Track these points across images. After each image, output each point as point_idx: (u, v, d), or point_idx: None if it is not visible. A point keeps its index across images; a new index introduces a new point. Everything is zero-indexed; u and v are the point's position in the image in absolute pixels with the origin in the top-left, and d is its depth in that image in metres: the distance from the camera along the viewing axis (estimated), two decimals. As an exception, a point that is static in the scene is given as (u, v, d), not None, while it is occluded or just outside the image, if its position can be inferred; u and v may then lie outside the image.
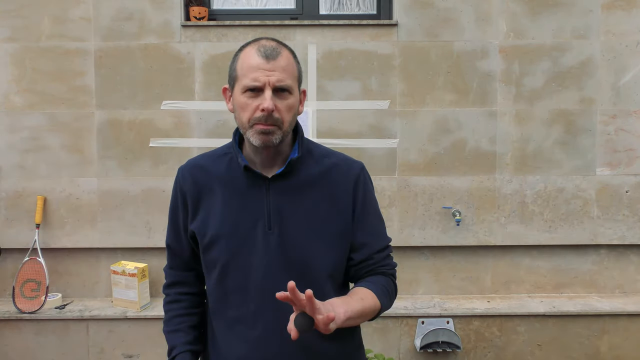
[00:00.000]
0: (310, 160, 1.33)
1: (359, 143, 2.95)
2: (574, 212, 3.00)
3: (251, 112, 1.22)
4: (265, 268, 1.27)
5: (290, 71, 1.25)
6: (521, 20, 2.93)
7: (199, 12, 2.98)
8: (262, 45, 1.24)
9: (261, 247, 1.28)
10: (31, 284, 2.90)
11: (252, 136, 1.24)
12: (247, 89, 1.22)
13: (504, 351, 2.88)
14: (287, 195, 1.29)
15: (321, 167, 1.33)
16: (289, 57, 1.26)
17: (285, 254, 1.27)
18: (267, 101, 1.20)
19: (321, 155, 1.36)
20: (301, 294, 1.04)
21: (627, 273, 3.07)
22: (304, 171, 1.31)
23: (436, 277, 3.07)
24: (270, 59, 1.22)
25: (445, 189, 2.99)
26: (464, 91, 2.96)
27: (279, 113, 1.22)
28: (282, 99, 1.23)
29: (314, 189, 1.31)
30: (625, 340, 2.87)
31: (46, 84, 2.94)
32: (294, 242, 1.27)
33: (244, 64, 1.24)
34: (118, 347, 2.87)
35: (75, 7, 2.92)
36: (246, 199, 1.29)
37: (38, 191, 2.97)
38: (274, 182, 1.29)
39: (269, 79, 1.21)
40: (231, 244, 1.29)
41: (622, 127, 2.97)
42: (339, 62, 2.94)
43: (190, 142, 2.96)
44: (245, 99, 1.23)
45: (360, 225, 1.33)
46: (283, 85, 1.22)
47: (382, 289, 1.31)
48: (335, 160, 1.36)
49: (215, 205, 1.31)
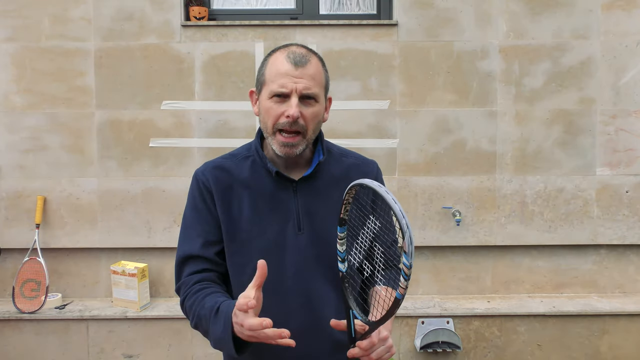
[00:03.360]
0: (331, 161, 1.37)
1: (359, 143, 2.95)
2: (574, 212, 3.00)
3: (276, 118, 1.24)
4: (297, 269, 1.28)
5: (318, 79, 1.26)
6: (521, 20, 2.93)
7: (199, 12, 2.98)
8: (292, 51, 1.25)
9: (292, 248, 1.28)
10: (31, 284, 2.90)
11: (275, 145, 1.26)
12: (274, 94, 1.24)
13: (504, 351, 2.88)
14: (314, 197, 1.31)
15: (341, 166, 1.37)
16: (317, 65, 1.28)
17: (317, 254, 1.29)
18: (293, 108, 1.22)
19: (340, 154, 1.40)
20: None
21: (627, 273, 3.07)
22: (327, 172, 1.34)
23: (436, 277, 3.07)
24: (298, 66, 1.23)
25: (445, 189, 2.99)
26: (464, 91, 2.96)
27: (304, 120, 1.24)
28: (308, 106, 1.25)
29: (338, 189, 1.31)
30: (625, 340, 2.87)
31: (46, 84, 2.94)
32: (324, 242, 1.28)
33: (272, 69, 1.26)
34: (118, 347, 2.87)
35: (75, 7, 2.92)
36: (275, 202, 1.30)
37: (38, 191, 2.98)
38: (301, 184, 1.31)
39: (296, 85, 1.22)
40: (262, 246, 1.28)
41: (622, 127, 2.97)
42: (339, 62, 2.94)
43: (190, 142, 2.96)
44: (272, 104, 1.25)
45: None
46: (310, 93, 1.24)
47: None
48: (353, 159, 1.41)
49: (242, 208, 1.31)
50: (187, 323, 2.88)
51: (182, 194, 2.94)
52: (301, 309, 1.28)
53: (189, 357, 2.88)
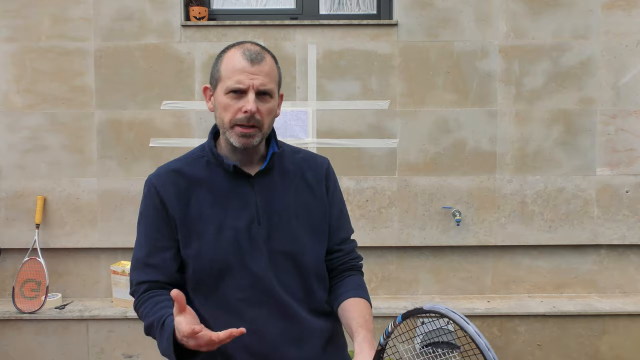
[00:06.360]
0: (285, 156, 1.41)
1: (359, 143, 2.95)
2: (574, 212, 3.00)
3: (233, 113, 1.27)
4: (258, 261, 1.30)
5: (273, 76, 1.30)
6: (521, 20, 2.93)
7: (199, 12, 2.98)
8: (247, 49, 1.29)
9: (253, 242, 1.31)
10: (31, 284, 2.90)
11: (232, 137, 1.29)
12: (230, 90, 1.26)
13: (504, 351, 2.88)
14: (270, 190, 1.35)
15: (294, 161, 1.42)
16: (271, 62, 1.32)
17: (276, 246, 1.32)
18: (250, 103, 1.25)
19: (292, 151, 1.44)
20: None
21: (627, 273, 3.07)
22: (281, 166, 1.39)
23: (436, 277, 3.07)
24: (254, 63, 1.26)
25: (445, 189, 2.99)
26: (464, 91, 2.96)
27: (260, 115, 1.28)
28: (263, 102, 1.28)
29: (293, 182, 1.38)
30: (625, 340, 2.87)
31: (46, 84, 2.94)
32: (282, 233, 1.33)
33: (228, 66, 1.28)
34: (118, 347, 2.87)
35: (75, 7, 2.92)
36: (235, 199, 1.32)
37: (38, 191, 2.97)
38: (257, 178, 1.34)
39: (252, 82, 1.26)
40: (224, 241, 1.30)
41: (622, 127, 2.97)
42: (339, 62, 2.94)
43: (190, 142, 2.96)
44: (228, 100, 1.27)
45: (334, 214, 1.43)
46: (266, 89, 1.28)
47: (365, 291, 1.41)
48: (304, 155, 1.45)
49: (201, 206, 1.31)
50: (187, 323, 2.88)
51: (182, 194, 2.94)
52: (263, 303, 1.31)
53: (189, 357, 2.88)
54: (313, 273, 1.37)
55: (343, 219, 1.47)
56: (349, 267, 1.45)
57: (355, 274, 1.45)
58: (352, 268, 1.45)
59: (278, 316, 1.31)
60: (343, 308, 1.35)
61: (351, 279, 1.42)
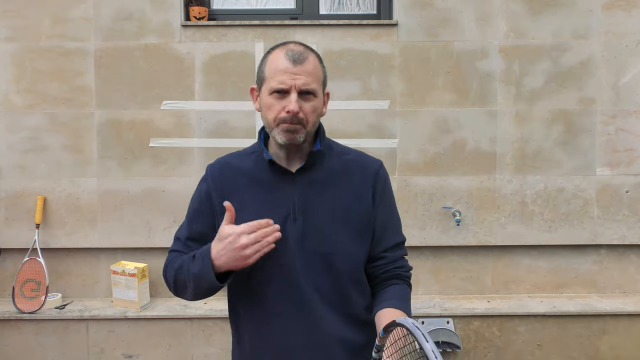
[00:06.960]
0: (331, 156, 1.41)
1: (359, 143, 2.95)
2: (574, 212, 3.00)
3: (277, 113, 1.30)
4: (289, 258, 1.31)
5: (316, 75, 1.31)
6: (521, 20, 2.93)
7: (199, 12, 2.98)
8: (290, 49, 1.30)
9: (286, 237, 1.31)
10: (31, 284, 2.90)
11: (277, 134, 1.31)
12: (273, 90, 1.29)
13: (504, 351, 2.88)
14: (311, 188, 1.35)
15: (342, 162, 1.41)
16: (315, 61, 1.32)
17: (308, 243, 1.32)
18: (293, 104, 1.27)
19: (342, 152, 1.45)
20: None
21: (627, 273, 3.07)
22: (326, 165, 1.39)
23: (436, 277, 3.07)
24: (297, 63, 1.28)
25: (445, 189, 2.99)
26: (464, 91, 2.96)
27: (304, 114, 1.29)
28: (306, 101, 1.30)
29: (336, 182, 1.37)
30: (625, 340, 2.87)
31: (46, 84, 2.94)
32: (316, 233, 1.32)
33: (271, 67, 1.31)
34: (118, 347, 2.87)
35: (75, 7, 2.92)
36: (274, 193, 1.35)
37: (38, 191, 2.97)
38: (299, 175, 1.35)
39: (294, 82, 1.27)
40: None
41: (622, 127, 2.97)
42: (339, 62, 2.94)
43: (190, 142, 2.96)
44: (272, 100, 1.30)
45: (379, 219, 1.38)
46: (308, 89, 1.29)
47: (406, 302, 1.37)
48: (354, 156, 1.45)
49: (245, 200, 1.35)
50: (188, 323, 2.90)
51: (182, 194, 2.94)
52: (293, 299, 1.32)
53: (189, 357, 2.88)
54: (348, 277, 1.34)
55: (390, 224, 1.42)
56: (393, 276, 1.39)
57: (399, 284, 1.40)
58: (397, 277, 1.40)
59: (303, 314, 1.32)
60: (377, 317, 1.31)
61: (393, 288, 1.38)
